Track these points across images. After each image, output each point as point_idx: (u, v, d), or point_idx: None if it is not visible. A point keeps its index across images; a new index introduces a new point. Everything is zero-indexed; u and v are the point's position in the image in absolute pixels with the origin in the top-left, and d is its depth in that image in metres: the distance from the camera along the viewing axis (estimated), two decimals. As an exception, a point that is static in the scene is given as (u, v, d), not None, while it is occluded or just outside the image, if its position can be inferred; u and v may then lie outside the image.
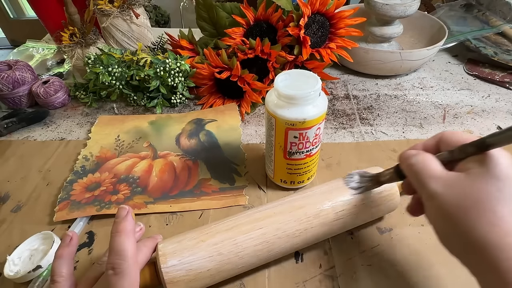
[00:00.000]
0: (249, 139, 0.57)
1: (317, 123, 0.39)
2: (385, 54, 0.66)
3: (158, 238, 0.35)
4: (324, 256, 0.40)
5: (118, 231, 0.29)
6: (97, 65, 0.61)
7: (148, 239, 0.35)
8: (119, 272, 0.27)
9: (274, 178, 0.47)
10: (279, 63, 0.61)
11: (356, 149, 0.54)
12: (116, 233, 0.29)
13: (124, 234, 0.29)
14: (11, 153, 0.55)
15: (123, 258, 0.28)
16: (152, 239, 0.35)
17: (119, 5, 0.67)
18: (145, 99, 0.64)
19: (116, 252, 0.28)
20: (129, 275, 0.28)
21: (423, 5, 0.92)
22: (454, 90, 0.67)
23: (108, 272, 0.28)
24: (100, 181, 0.49)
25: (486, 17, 0.79)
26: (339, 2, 0.59)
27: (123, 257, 0.28)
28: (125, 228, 0.30)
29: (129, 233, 0.29)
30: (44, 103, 0.63)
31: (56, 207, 0.45)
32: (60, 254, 0.31)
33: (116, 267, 0.28)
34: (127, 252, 0.28)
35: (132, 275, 0.28)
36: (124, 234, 0.29)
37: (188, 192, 0.48)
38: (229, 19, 0.65)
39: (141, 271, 0.32)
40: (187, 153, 0.54)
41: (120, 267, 0.28)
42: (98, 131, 0.58)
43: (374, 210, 0.39)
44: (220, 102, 0.63)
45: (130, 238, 0.29)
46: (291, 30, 0.58)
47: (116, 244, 0.29)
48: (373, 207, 0.39)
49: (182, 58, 0.62)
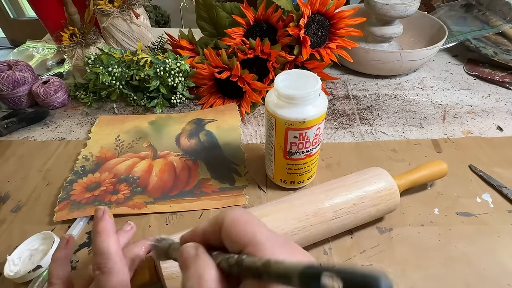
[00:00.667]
0: (249, 139, 0.57)
1: (317, 123, 0.39)
2: (385, 54, 0.66)
3: (152, 239, 0.35)
4: (324, 256, 0.40)
5: (97, 232, 0.29)
6: (97, 65, 0.61)
7: (140, 239, 0.34)
8: (106, 271, 0.28)
9: (274, 178, 0.47)
10: (279, 63, 0.61)
11: (356, 149, 0.54)
12: (96, 234, 0.29)
13: (104, 233, 0.29)
14: (11, 153, 0.55)
15: (106, 257, 0.28)
16: (145, 239, 0.34)
17: (119, 5, 0.67)
18: (145, 99, 0.64)
19: (99, 252, 0.28)
20: (116, 273, 0.28)
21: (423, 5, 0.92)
22: (454, 90, 0.67)
23: (96, 273, 0.28)
24: (100, 181, 0.49)
25: (486, 17, 0.79)
26: (339, 2, 0.59)
27: (107, 255, 0.28)
28: (104, 228, 0.30)
29: (108, 232, 0.29)
30: (44, 103, 0.63)
31: (56, 207, 0.45)
32: (57, 256, 0.32)
33: (102, 266, 0.28)
34: (110, 250, 0.28)
35: (120, 272, 0.28)
36: (104, 234, 0.29)
37: (188, 192, 0.48)
38: (229, 19, 0.65)
39: (140, 269, 0.32)
40: (187, 153, 0.54)
41: (106, 266, 0.28)
42: (98, 131, 0.58)
43: (374, 210, 0.39)
44: (220, 102, 0.63)
45: (110, 236, 0.29)
46: (291, 30, 0.58)
47: (98, 245, 0.29)
48: (372, 206, 0.39)
49: (182, 58, 0.62)
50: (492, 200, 0.46)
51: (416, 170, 0.45)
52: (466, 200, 0.46)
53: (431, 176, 0.45)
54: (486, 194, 0.46)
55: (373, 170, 0.42)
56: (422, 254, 0.40)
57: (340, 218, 0.38)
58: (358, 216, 0.39)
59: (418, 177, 0.44)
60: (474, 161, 0.51)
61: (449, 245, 0.40)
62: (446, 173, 0.46)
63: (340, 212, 0.38)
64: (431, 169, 0.45)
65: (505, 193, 0.46)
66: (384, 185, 0.40)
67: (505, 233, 0.42)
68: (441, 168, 0.45)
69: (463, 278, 0.37)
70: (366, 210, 0.39)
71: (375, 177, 0.41)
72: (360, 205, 0.38)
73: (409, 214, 0.44)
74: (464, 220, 0.43)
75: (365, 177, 0.41)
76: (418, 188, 0.47)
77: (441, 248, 0.40)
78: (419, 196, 0.46)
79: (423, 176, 0.45)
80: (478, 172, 0.49)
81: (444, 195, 0.47)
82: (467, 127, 0.58)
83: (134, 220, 0.44)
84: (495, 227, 0.42)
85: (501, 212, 0.44)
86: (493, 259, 0.39)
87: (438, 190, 0.47)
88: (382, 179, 0.40)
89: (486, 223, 0.43)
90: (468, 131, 0.57)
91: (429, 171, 0.45)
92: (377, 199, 0.39)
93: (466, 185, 0.48)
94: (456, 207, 0.45)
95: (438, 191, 0.47)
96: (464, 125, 0.58)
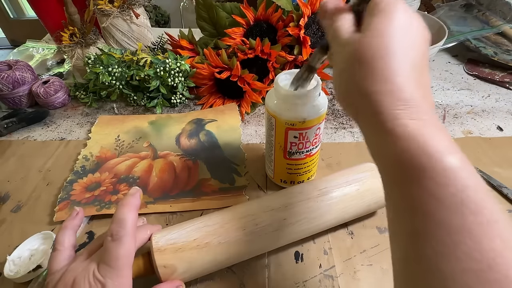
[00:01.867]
0: (249, 139, 0.57)
1: (317, 123, 0.39)
2: (385, 54, 0.66)
3: (159, 227, 0.37)
4: (324, 256, 0.40)
5: (123, 203, 0.31)
6: (97, 65, 0.61)
7: (148, 224, 0.37)
8: (117, 239, 0.29)
9: (274, 178, 0.47)
10: (279, 63, 0.61)
11: (356, 149, 0.54)
12: (122, 205, 0.31)
13: (128, 206, 0.31)
14: (11, 153, 0.55)
15: (122, 226, 0.30)
16: (153, 226, 0.37)
17: (119, 5, 0.67)
18: (145, 99, 0.64)
19: (117, 221, 0.30)
20: (126, 244, 0.29)
21: (423, 5, 0.92)
22: (454, 90, 0.67)
23: (107, 238, 0.29)
24: (100, 181, 0.49)
25: (486, 17, 0.79)
26: (339, 2, 0.59)
27: (123, 225, 0.30)
28: (130, 202, 0.31)
29: (133, 207, 0.31)
30: (44, 103, 0.63)
31: (56, 207, 0.45)
32: (65, 225, 0.34)
33: (115, 233, 0.29)
34: (127, 222, 0.30)
35: (128, 244, 0.29)
36: (128, 206, 0.31)
37: (188, 192, 0.48)
38: (229, 19, 0.65)
39: (135, 259, 0.33)
40: (187, 153, 0.54)
41: (119, 234, 0.29)
42: (98, 131, 0.58)
43: (355, 188, 0.40)
44: (220, 102, 0.63)
45: (132, 211, 0.31)
46: (291, 30, 0.58)
47: (119, 214, 0.30)
48: (355, 184, 0.40)
49: (182, 58, 0.62)
50: (492, 200, 0.46)
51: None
52: (466, 200, 0.46)
53: None
54: (486, 194, 0.46)
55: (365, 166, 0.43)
56: (422, 254, 0.40)
57: (326, 196, 0.39)
58: (347, 199, 0.39)
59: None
60: (474, 161, 0.51)
61: (449, 245, 0.40)
62: None
63: (325, 191, 0.39)
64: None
65: (505, 193, 0.46)
66: (366, 167, 0.42)
67: (505, 233, 0.42)
68: None
69: (463, 278, 0.37)
70: (353, 189, 0.40)
71: (362, 166, 0.43)
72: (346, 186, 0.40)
73: (409, 214, 0.44)
74: (464, 220, 0.43)
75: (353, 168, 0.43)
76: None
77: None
78: (419, 196, 0.46)
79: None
80: (478, 172, 0.49)
81: (444, 195, 0.47)
82: (467, 127, 0.58)
83: (134, 220, 0.44)
84: (495, 227, 0.42)
85: (501, 212, 0.44)
86: (493, 259, 0.39)
87: (438, 190, 0.47)
88: (365, 165, 0.42)
89: (486, 223, 0.43)
90: (468, 131, 0.57)
91: None
92: (358, 180, 0.40)
93: (466, 185, 0.48)
94: (456, 207, 0.45)
95: (438, 191, 0.47)
96: (464, 125, 0.58)
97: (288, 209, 0.37)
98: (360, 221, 0.43)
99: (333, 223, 0.40)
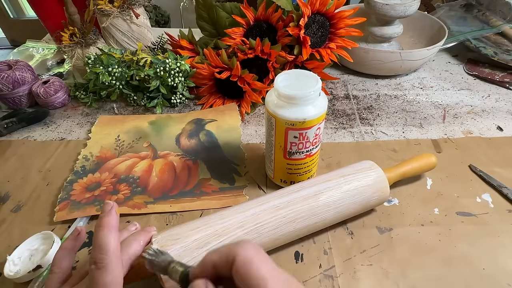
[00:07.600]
0: (249, 139, 0.57)
1: (317, 123, 0.39)
2: (385, 54, 0.66)
3: (151, 230, 0.35)
4: (324, 256, 0.40)
5: (101, 225, 0.29)
6: (97, 65, 0.61)
7: (139, 232, 0.34)
8: (101, 266, 0.27)
9: (274, 178, 0.47)
10: (279, 63, 0.61)
11: (356, 149, 0.54)
12: (99, 227, 0.29)
13: (106, 228, 0.29)
14: (11, 153, 0.55)
15: (104, 252, 0.28)
16: (145, 232, 0.34)
17: (119, 5, 0.67)
18: (145, 99, 0.64)
19: (98, 247, 0.28)
20: (112, 270, 0.27)
21: (423, 5, 0.92)
22: (454, 90, 0.67)
23: (91, 266, 0.28)
24: (100, 181, 0.49)
25: (486, 17, 0.79)
26: (339, 2, 0.59)
27: (105, 251, 0.28)
28: (108, 223, 0.29)
29: (111, 228, 0.29)
30: (44, 103, 0.63)
31: (56, 207, 0.45)
32: (65, 246, 0.32)
33: (98, 261, 0.27)
34: (109, 247, 0.28)
35: (114, 270, 0.28)
36: (106, 229, 0.29)
37: (188, 192, 0.48)
38: (229, 19, 0.65)
39: (141, 264, 0.32)
40: (187, 153, 0.54)
41: (102, 261, 0.27)
42: (98, 131, 0.58)
43: (354, 185, 0.40)
44: (220, 102, 0.63)
45: (112, 232, 0.29)
46: (291, 30, 0.58)
47: (99, 239, 0.28)
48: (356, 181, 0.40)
49: (182, 58, 0.62)
50: (492, 200, 0.46)
51: (405, 162, 0.46)
52: (466, 200, 0.46)
53: (420, 168, 0.46)
54: (486, 194, 0.46)
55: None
56: (422, 254, 0.40)
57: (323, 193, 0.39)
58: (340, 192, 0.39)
59: (407, 169, 0.45)
60: (474, 161, 0.51)
61: (449, 245, 0.40)
62: (435, 165, 0.46)
63: (324, 188, 0.39)
64: (420, 161, 0.46)
65: (505, 193, 0.46)
66: (366, 166, 0.42)
67: (505, 233, 0.42)
68: (430, 160, 0.46)
69: (463, 278, 0.37)
70: (351, 185, 0.40)
71: (360, 164, 0.43)
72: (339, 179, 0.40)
73: (409, 214, 0.44)
74: (464, 220, 0.43)
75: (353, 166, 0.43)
76: (418, 188, 0.47)
77: (441, 248, 0.40)
78: (419, 196, 0.47)
79: (412, 168, 0.46)
80: (478, 172, 0.49)
81: (444, 195, 0.47)
82: (467, 127, 0.58)
83: (134, 220, 0.44)
84: (495, 227, 0.42)
85: (501, 212, 0.44)
86: (493, 259, 0.39)
87: (438, 190, 0.47)
88: (366, 162, 0.43)
89: (486, 223, 0.43)
90: (468, 131, 0.57)
91: (418, 163, 0.46)
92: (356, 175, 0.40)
93: (466, 185, 0.48)
94: (456, 207, 0.45)
95: (438, 191, 0.47)
96: (464, 125, 0.58)
97: (287, 207, 0.37)
98: (360, 221, 0.43)
99: (333, 220, 0.40)
